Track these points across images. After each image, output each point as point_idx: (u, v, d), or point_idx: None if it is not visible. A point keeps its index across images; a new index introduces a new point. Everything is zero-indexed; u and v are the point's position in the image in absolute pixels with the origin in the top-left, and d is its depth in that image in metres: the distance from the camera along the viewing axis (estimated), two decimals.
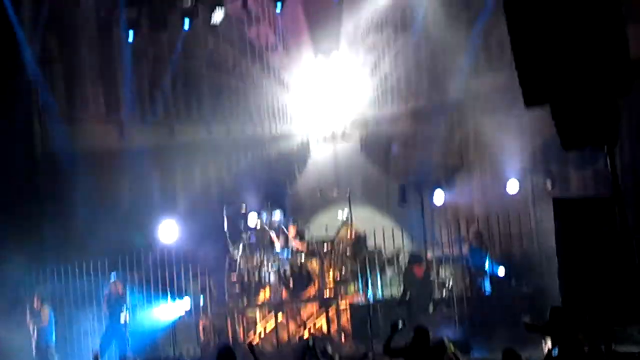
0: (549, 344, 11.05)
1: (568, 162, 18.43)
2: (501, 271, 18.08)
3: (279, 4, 21.63)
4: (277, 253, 18.69)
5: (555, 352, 10.76)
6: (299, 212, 20.77)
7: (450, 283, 18.06)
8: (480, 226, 18.58)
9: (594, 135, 14.89)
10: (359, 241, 19.15)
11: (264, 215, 19.49)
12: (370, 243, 19.29)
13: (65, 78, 22.91)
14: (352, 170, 22.20)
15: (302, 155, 23.22)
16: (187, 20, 21.87)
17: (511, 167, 19.52)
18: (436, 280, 18.49)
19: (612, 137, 14.62)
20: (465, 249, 18.38)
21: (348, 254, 18.87)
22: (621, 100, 14.49)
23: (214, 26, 22.32)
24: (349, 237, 19.06)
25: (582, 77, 14.78)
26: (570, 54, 14.80)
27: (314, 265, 18.44)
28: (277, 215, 19.56)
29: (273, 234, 18.97)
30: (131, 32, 22.04)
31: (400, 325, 11.37)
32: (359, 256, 18.82)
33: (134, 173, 22.43)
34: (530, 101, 16.23)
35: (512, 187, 19.13)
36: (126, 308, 17.85)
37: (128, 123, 23.21)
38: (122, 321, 17.75)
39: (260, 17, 23.20)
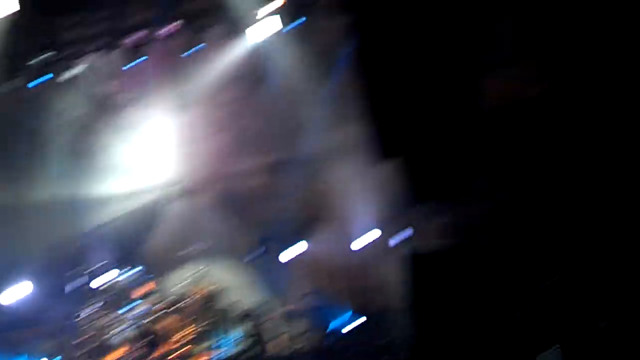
0: None
1: (423, 213, 18.55)
2: (352, 324, 18.05)
3: (131, 63, 21.40)
4: (128, 312, 18.31)
5: None
6: (153, 269, 20.26)
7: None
8: (335, 278, 18.58)
9: (445, 187, 15.12)
10: (213, 297, 18.97)
11: (117, 274, 19.13)
12: (225, 299, 19.10)
13: None
14: (207, 225, 21.89)
15: (156, 211, 22.77)
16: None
17: (366, 220, 19.58)
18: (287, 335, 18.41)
19: (464, 188, 14.86)
20: (317, 302, 18.36)
21: (201, 310, 18.62)
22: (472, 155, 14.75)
23: (64, 83, 21.87)
24: (202, 293, 18.86)
25: (433, 130, 15.03)
26: (422, 107, 15.03)
27: (166, 323, 18.12)
28: (131, 273, 19.21)
29: (126, 293, 18.63)
30: None
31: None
32: (212, 313, 18.59)
33: None
34: (385, 154, 16.40)
35: (367, 239, 19.18)
36: None
37: None
38: None
39: (111, 73, 22.81)
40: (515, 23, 18.51)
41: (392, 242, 18.50)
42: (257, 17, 20.61)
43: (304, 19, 20.79)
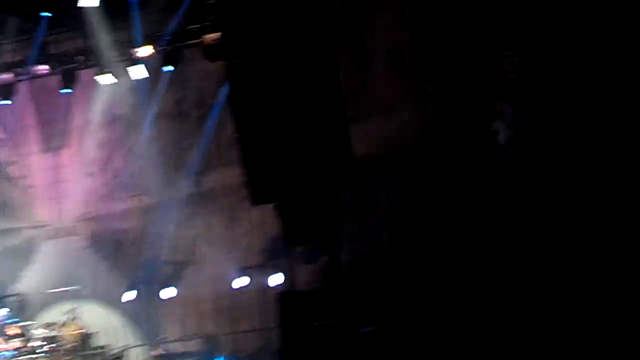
0: None
1: (295, 257, 18.88)
2: None
3: (7, 100, 21.22)
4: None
5: None
6: (23, 310, 20.04)
7: None
8: (211, 322, 18.64)
9: (317, 232, 15.47)
10: (84, 339, 18.79)
11: None
12: (96, 340, 18.96)
13: None
14: (81, 266, 21.71)
15: (27, 250, 22.49)
16: None
17: (240, 262, 19.72)
18: None
19: (335, 233, 15.25)
20: (195, 345, 18.35)
21: (72, 352, 18.44)
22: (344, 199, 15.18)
23: None
24: (73, 334, 18.66)
25: (305, 176, 15.40)
26: (294, 153, 15.41)
27: None
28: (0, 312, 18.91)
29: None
30: None
31: None
32: (84, 355, 18.44)
33: None
34: (257, 199, 16.70)
35: (241, 282, 19.30)
36: None
37: None
38: None
39: None
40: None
41: (266, 284, 18.72)
42: (130, 62, 20.70)
43: (172, 67, 20.95)
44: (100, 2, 19.51)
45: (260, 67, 13.70)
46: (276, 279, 17.56)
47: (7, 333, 18.41)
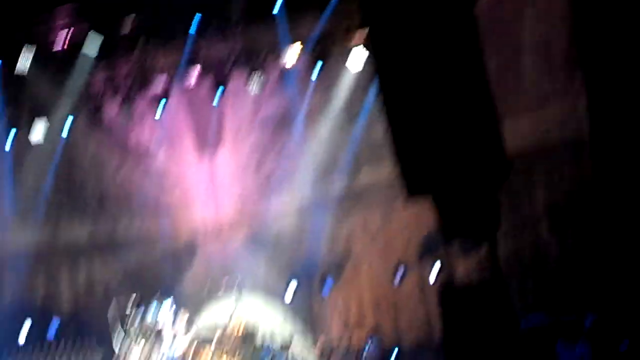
0: None
1: (453, 250, 18.84)
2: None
3: (158, 111, 21.73)
4: (164, 349, 18.53)
5: None
6: (188, 305, 20.59)
7: None
8: (371, 316, 18.79)
9: (474, 226, 15.38)
10: (248, 334, 19.14)
11: (152, 310, 19.35)
12: (259, 335, 19.32)
13: None
14: (240, 266, 22.14)
15: (189, 252, 23.11)
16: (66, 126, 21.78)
17: (398, 257, 19.78)
18: None
19: (492, 228, 15.13)
20: (355, 339, 18.47)
21: (236, 347, 18.79)
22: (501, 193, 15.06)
23: (98, 127, 22.31)
24: (237, 330, 19.03)
25: (460, 170, 15.34)
26: (448, 147, 15.35)
27: (201, 359, 18.34)
28: (166, 309, 19.41)
29: (161, 329, 18.84)
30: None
31: None
32: (248, 349, 18.77)
33: (15, 275, 22.20)
34: (412, 192, 16.68)
35: (400, 276, 19.35)
36: None
37: (10, 227, 22.98)
38: None
39: (143, 118, 23.24)
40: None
41: (425, 278, 18.70)
42: (281, 61, 20.96)
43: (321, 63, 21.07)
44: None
45: (409, 63, 13.67)
46: (435, 273, 17.54)
47: (176, 327, 18.87)
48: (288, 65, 20.87)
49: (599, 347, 15.14)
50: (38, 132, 21.48)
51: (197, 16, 20.05)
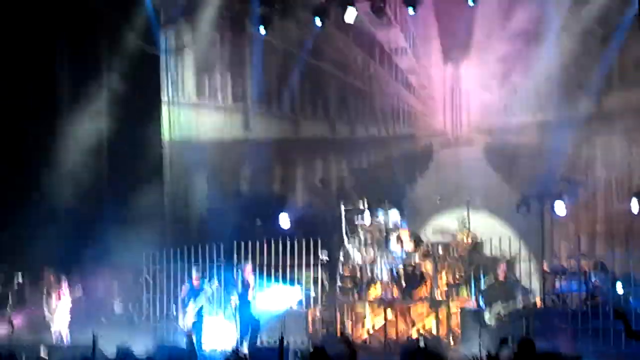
0: None
1: None
2: (619, 288, 17.53)
3: (411, 8, 21.50)
4: (392, 251, 18.70)
5: None
6: (417, 214, 20.65)
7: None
8: (602, 243, 18.29)
9: None
10: (475, 247, 19.04)
11: (381, 214, 19.51)
12: (486, 250, 19.16)
13: (195, 67, 23.52)
14: (473, 176, 21.93)
15: (424, 158, 23.11)
16: (317, 19, 21.97)
17: (638, 187, 19.06)
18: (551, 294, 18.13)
19: None
20: (584, 264, 17.98)
21: (463, 258, 18.75)
22: None
23: (345, 26, 22.46)
24: (465, 242, 18.95)
25: None
26: None
27: (427, 266, 18.38)
28: (394, 215, 19.53)
29: (389, 232, 19.01)
30: (262, 27, 22.42)
31: (509, 342, 11.24)
32: (474, 261, 18.69)
33: (256, 163, 22.86)
34: None
35: (635, 207, 18.60)
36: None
37: (254, 114, 23.66)
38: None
39: (392, 19, 23.20)
40: None
41: None
42: None
43: None
44: None
45: None
46: None
47: (400, 236, 18.98)
48: None
49: None
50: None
51: None
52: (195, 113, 23.56)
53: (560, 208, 19.33)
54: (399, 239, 18.97)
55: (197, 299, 17.75)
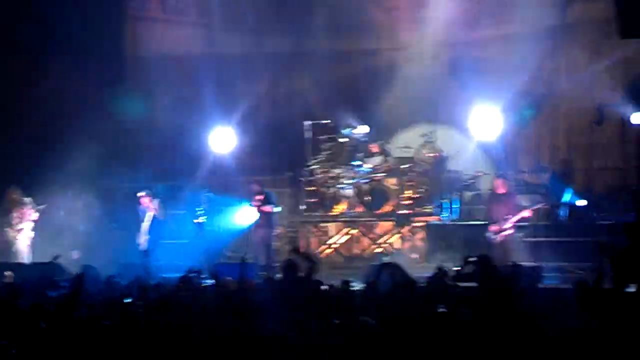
0: None
1: None
2: (581, 202, 17.69)
3: None
4: (357, 168, 18.70)
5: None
6: (383, 129, 20.58)
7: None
8: (565, 156, 18.39)
9: None
10: (440, 162, 19.08)
11: (347, 130, 19.47)
12: (451, 165, 19.22)
13: None
14: (438, 91, 21.88)
15: (388, 73, 22.94)
16: None
17: (600, 99, 19.08)
18: None
19: None
20: (546, 177, 18.16)
21: (428, 173, 18.81)
22: None
23: None
24: (430, 157, 18.97)
25: None
26: None
27: (392, 182, 18.40)
28: (361, 129, 19.48)
29: (354, 147, 18.97)
30: None
31: (472, 259, 11.37)
32: (439, 176, 18.77)
33: (219, 79, 22.66)
34: (625, 33, 15.96)
35: (600, 118, 18.67)
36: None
37: (217, 29, 23.39)
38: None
39: None
40: None
41: (626, 121, 17.96)
42: None
43: None
44: None
45: None
46: (638, 116, 16.83)
47: (371, 150, 18.95)
48: None
49: None
50: None
51: None
52: (157, 28, 23.27)
53: (523, 121, 19.38)
54: (368, 153, 18.96)
55: (146, 219, 17.68)
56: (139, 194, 17.96)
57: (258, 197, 17.30)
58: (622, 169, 17.84)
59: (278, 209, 17.56)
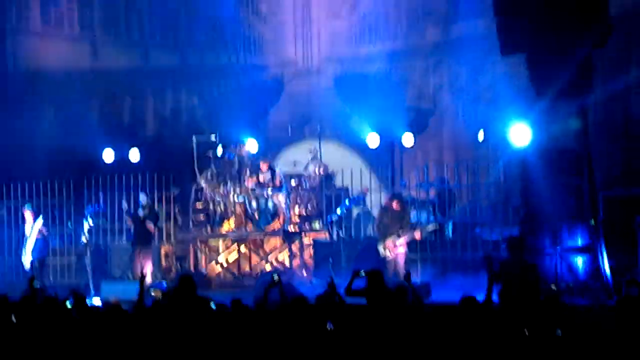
0: None
1: (541, 112, 18.38)
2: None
3: None
4: (244, 185, 18.61)
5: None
6: (270, 145, 20.58)
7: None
8: (451, 172, 18.65)
9: (566, 87, 15.04)
10: (327, 178, 19.15)
11: (234, 146, 19.37)
12: (338, 181, 19.34)
13: None
14: (324, 107, 22.03)
15: (275, 88, 23.03)
16: None
17: (484, 115, 19.42)
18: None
19: (585, 88, 14.77)
20: (432, 193, 18.43)
21: (315, 190, 18.85)
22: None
23: None
24: (317, 173, 19.01)
25: (559, 29, 14.91)
26: (549, 5, 14.89)
27: (280, 199, 18.36)
28: (249, 146, 19.38)
29: (240, 165, 18.88)
30: None
31: (362, 274, 11.41)
32: (326, 193, 18.84)
33: (104, 94, 22.39)
34: (506, 50, 16.32)
35: (481, 135, 18.98)
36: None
37: (101, 43, 23.10)
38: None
39: None
40: None
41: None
42: None
43: None
44: None
45: None
46: (519, 134, 17.10)
47: (260, 166, 18.87)
48: None
49: None
50: None
51: None
52: (41, 43, 22.85)
53: (408, 139, 19.62)
54: (257, 169, 18.89)
55: (30, 237, 17.30)
56: (24, 209, 17.62)
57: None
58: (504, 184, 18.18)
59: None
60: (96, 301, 14.73)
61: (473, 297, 9.32)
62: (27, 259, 17.11)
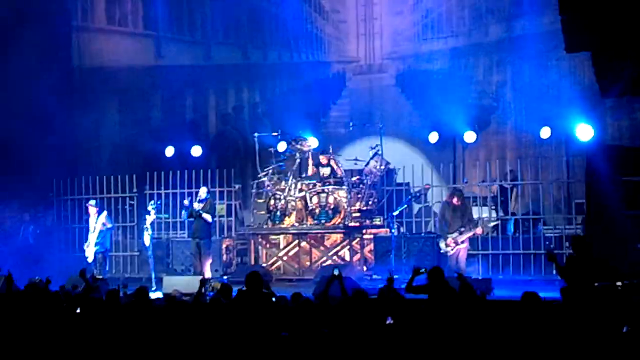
0: None
1: (606, 110, 18.20)
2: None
3: None
4: (306, 180, 18.67)
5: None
6: (331, 141, 20.60)
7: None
8: (512, 170, 18.56)
9: (633, 84, 14.90)
10: (388, 174, 19.14)
11: (295, 142, 19.40)
12: (399, 177, 19.31)
13: None
14: (386, 103, 22.03)
15: (337, 85, 23.06)
16: None
17: (547, 113, 19.25)
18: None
19: None
20: (494, 190, 18.34)
21: (376, 186, 18.85)
22: None
23: None
24: (378, 169, 18.97)
25: (624, 27, 14.78)
26: (614, 3, 14.76)
27: (341, 194, 18.37)
28: (310, 142, 19.41)
29: (302, 158, 18.91)
30: None
31: (422, 270, 11.41)
32: (387, 189, 18.84)
33: (167, 90, 22.61)
34: (571, 47, 16.20)
35: (546, 132, 18.82)
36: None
37: (165, 41, 23.32)
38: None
39: None
40: None
41: (571, 135, 18.15)
42: None
43: None
44: None
45: None
46: (584, 132, 16.99)
47: (321, 162, 18.89)
48: None
49: None
50: None
51: None
52: (105, 39, 23.13)
53: (470, 135, 19.56)
54: (318, 165, 18.93)
55: (93, 231, 17.49)
56: (88, 204, 17.87)
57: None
58: (568, 182, 18.03)
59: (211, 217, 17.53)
60: (157, 295, 14.87)
61: (535, 293, 9.26)
62: (90, 253, 17.34)
